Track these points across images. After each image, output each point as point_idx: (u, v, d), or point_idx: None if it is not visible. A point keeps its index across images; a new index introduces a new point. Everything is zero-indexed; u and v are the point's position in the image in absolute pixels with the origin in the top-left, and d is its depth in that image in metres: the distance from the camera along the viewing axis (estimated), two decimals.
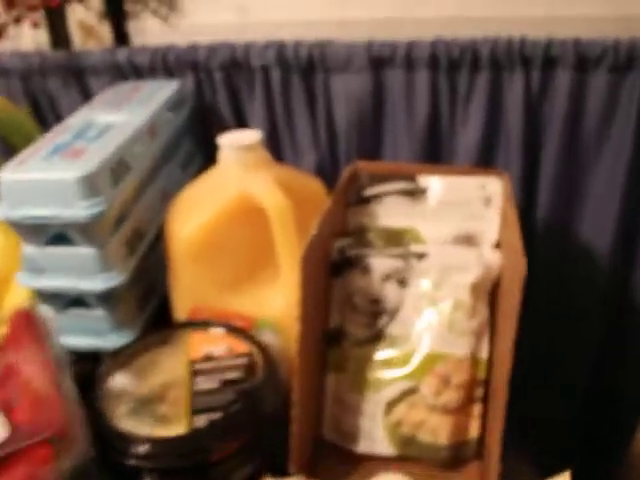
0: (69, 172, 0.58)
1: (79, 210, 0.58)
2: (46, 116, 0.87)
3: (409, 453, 0.60)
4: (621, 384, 0.80)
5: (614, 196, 0.71)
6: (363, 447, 0.60)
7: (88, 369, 0.62)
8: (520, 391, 0.52)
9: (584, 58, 0.67)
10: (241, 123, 0.82)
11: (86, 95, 0.85)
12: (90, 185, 0.58)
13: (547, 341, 0.78)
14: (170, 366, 0.59)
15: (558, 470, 0.48)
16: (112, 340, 0.64)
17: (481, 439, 0.60)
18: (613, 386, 0.81)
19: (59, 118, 0.84)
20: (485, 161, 0.73)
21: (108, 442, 0.52)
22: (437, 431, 0.59)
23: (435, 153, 0.75)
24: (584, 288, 0.76)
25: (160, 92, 0.76)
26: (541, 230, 0.75)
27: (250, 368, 0.57)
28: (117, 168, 0.62)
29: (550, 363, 0.80)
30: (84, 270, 0.61)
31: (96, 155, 0.60)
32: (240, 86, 0.81)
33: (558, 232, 0.75)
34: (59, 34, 0.91)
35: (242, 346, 0.60)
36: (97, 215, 0.58)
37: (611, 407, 0.82)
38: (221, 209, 0.62)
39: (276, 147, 0.81)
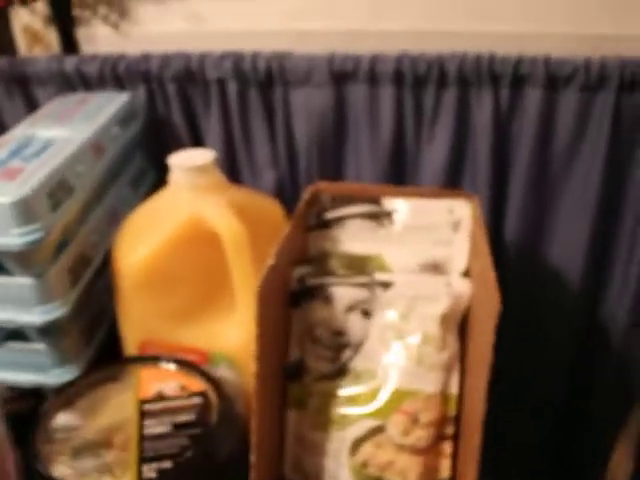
0: (3, 196, 0.52)
1: (14, 238, 0.53)
2: None
3: None
4: (590, 405, 0.78)
5: (584, 217, 0.69)
6: None
7: (29, 407, 0.58)
8: (489, 415, 0.49)
9: (554, 77, 0.65)
10: (196, 138, 0.77)
11: (31, 105, 0.79)
12: (25, 210, 0.53)
13: (516, 363, 0.76)
14: (118, 405, 0.55)
15: None
16: (55, 376, 0.59)
17: (452, 478, 0.57)
18: (583, 407, 0.79)
19: (3, 128, 0.78)
20: (452, 181, 0.70)
21: None
22: (406, 472, 0.55)
23: (400, 172, 0.72)
24: (553, 310, 0.74)
25: (109, 105, 0.71)
26: (510, 252, 0.72)
27: (204, 408, 0.53)
28: (57, 190, 0.57)
29: (520, 385, 0.78)
30: (22, 302, 0.56)
31: (33, 176, 0.55)
32: (195, 99, 0.76)
33: (527, 254, 0.73)
34: (3, 38, 0.85)
35: (195, 383, 0.55)
36: (34, 242, 0.53)
37: (581, 428, 0.80)
38: (172, 234, 0.57)
39: (233, 165, 0.77)
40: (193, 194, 0.58)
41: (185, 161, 0.58)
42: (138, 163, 0.76)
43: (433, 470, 0.56)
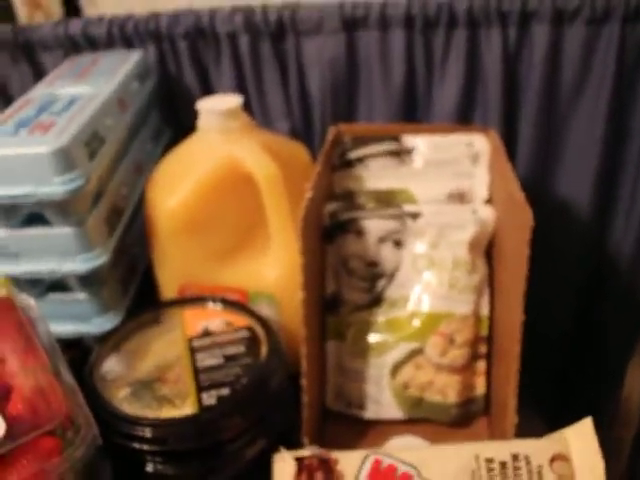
0: (42, 146, 0.53)
1: (56, 187, 0.54)
2: None
3: (418, 414, 0.59)
4: (602, 329, 0.82)
5: (592, 149, 0.72)
6: (371, 413, 0.59)
7: (74, 357, 0.59)
8: None
9: (561, 11, 0.67)
10: (209, 95, 0.78)
11: (38, 72, 0.79)
12: (66, 158, 0.54)
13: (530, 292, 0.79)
14: (165, 346, 0.57)
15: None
16: (97, 324, 0.60)
17: (486, 395, 0.59)
18: (595, 331, 0.82)
19: (10, 97, 0.79)
20: (463, 119, 0.72)
21: (111, 427, 0.49)
22: (445, 390, 0.58)
23: (412, 114, 0.74)
24: (563, 240, 0.77)
25: (123, 63, 0.72)
26: (521, 184, 0.75)
27: (252, 341, 0.55)
28: (91, 140, 0.58)
29: (534, 313, 0.80)
30: (64, 251, 0.57)
31: (68, 127, 0.56)
32: (206, 55, 0.77)
33: (537, 187, 0.75)
34: (1, 6, 0.85)
35: (240, 320, 0.57)
36: (75, 191, 0.54)
37: (594, 352, 0.83)
38: (206, 177, 0.59)
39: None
40: (225, 137, 0.59)
41: (215, 105, 0.60)
42: (156, 120, 0.77)
43: (469, 387, 0.59)
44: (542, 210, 0.76)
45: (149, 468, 0.50)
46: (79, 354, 0.60)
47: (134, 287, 0.66)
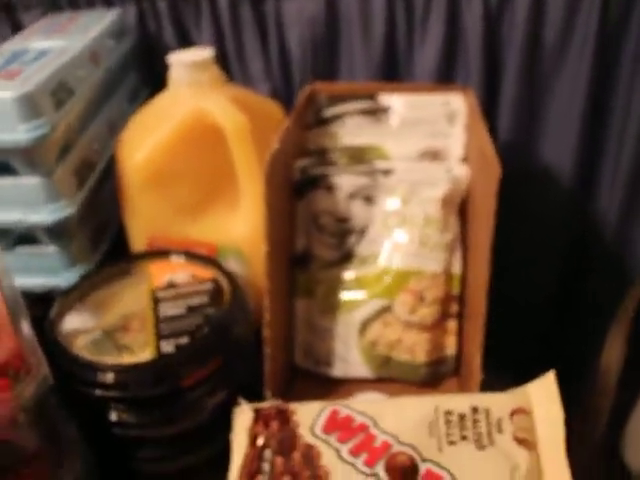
0: (5, 92, 0.53)
1: (20, 133, 0.53)
2: None
3: (386, 373, 0.58)
4: (585, 295, 0.81)
5: (574, 112, 0.71)
6: (338, 371, 0.59)
7: (42, 312, 0.58)
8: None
9: None
10: None
11: (18, 32, 0.79)
12: (31, 105, 0.53)
13: (512, 256, 0.78)
14: (131, 297, 0.56)
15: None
16: (67, 278, 0.60)
17: (457, 356, 0.59)
18: (578, 297, 0.82)
19: None
20: (445, 79, 0.71)
21: (71, 374, 0.49)
22: (414, 349, 0.57)
23: (393, 74, 0.73)
24: (546, 204, 0.76)
25: (100, 21, 0.71)
26: (502, 148, 0.73)
27: (216, 293, 0.55)
28: (59, 90, 0.57)
29: (517, 277, 0.80)
30: (31, 201, 0.57)
31: (35, 75, 0.55)
32: (186, 15, 0.76)
33: (519, 150, 0.74)
34: None
35: (206, 273, 0.57)
36: (40, 138, 0.54)
37: (576, 318, 0.83)
38: (174, 131, 0.58)
39: (227, 77, 0.77)
40: (194, 90, 0.59)
41: (185, 58, 0.59)
42: (133, 81, 0.77)
43: (439, 346, 0.58)
44: (524, 172, 0.76)
45: (111, 416, 0.50)
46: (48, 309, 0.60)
47: (106, 242, 0.65)
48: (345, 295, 0.59)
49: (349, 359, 0.58)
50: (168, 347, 0.50)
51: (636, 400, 0.71)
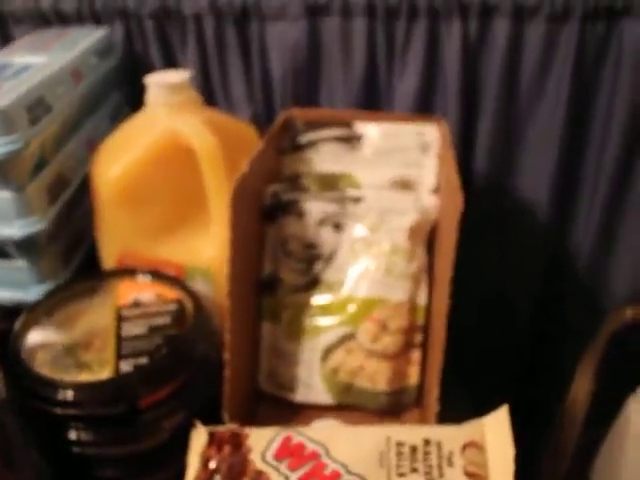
0: None
1: None
2: None
3: (347, 401, 0.58)
4: (556, 329, 0.81)
5: (551, 146, 0.72)
6: (300, 396, 0.59)
7: (8, 326, 0.59)
8: (460, 331, 0.52)
9: (521, 7, 0.67)
10: None
11: (8, 44, 0.80)
12: (4, 120, 0.54)
13: (485, 289, 0.78)
14: (96, 315, 0.56)
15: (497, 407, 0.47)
16: (35, 292, 0.60)
17: (420, 386, 0.59)
18: (549, 331, 0.82)
19: None
20: (423, 109, 0.72)
21: (29, 390, 0.49)
22: (375, 377, 0.57)
23: (372, 103, 0.74)
24: (521, 236, 0.77)
25: (86, 38, 0.72)
26: (478, 180, 0.74)
27: (179, 314, 0.55)
28: (35, 106, 0.58)
29: (491, 308, 0.80)
30: (2, 216, 0.57)
31: (11, 91, 0.56)
32: (172, 35, 0.77)
33: (495, 182, 0.75)
34: None
35: (171, 293, 0.57)
36: (12, 152, 0.54)
37: (546, 352, 0.83)
38: (147, 150, 0.59)
39: (210, 99, 0.78)
40: (168, 111, 0.59)
41: (161, 79, 0.60)
42: (116, 99, 0.77)
43: (402, 376, 0.58)
44: (500, 203, 0.76)
45: (69, 433, 0.50)
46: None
47: (78, 258, 0.66)
48: (310, 321, 0.59)
49: (312, 385, 0.59)
50: (126, 367, 0.50)
51: (604, 436, 0.71)
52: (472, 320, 0.79)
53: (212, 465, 0.46)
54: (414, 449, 0.45)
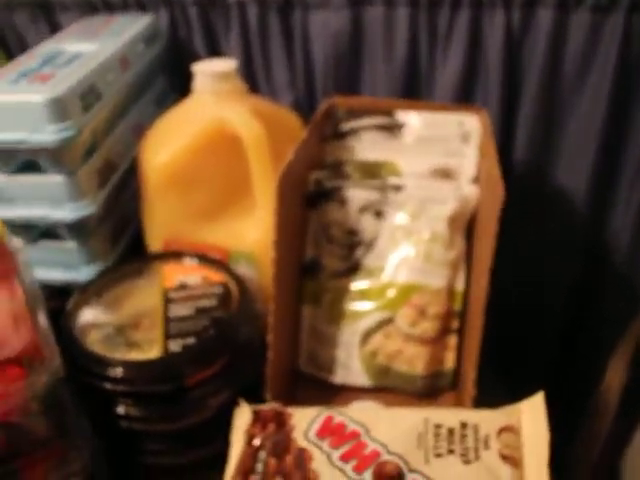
0: (37, 95, 0.56)
1: (49, 134, 0.56)
2: (14, 53, 0.84)
3: (385, 383, 0.60)
4: (593, 319, 0.81)
5: (591, 137, 0.71)
6: (339, 378, 0.60)
7: (60, 305, 0.61)
8: (497, 318, 0.53)
9: None
10: None
11: (55, 31, 0.82)
12: (59, 108, 0.56)
13: (524, 277, 0.79)
14: (143, 296, 0.58)
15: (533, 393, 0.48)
16: (84, 273, 0.63)
17: (457, 370, 0.60)
18: (586, 320, 0.82)
19: None
20: (464, 99, 0.73)
21: (82, 367, 0.51)
22: (413, 361, 0.59)
23: (413, 92, 0.74)
24: (559, 225, 0.77)
25: (133, 25, 0.74)
26: (518, 169, 0.75)
27: (225, 297, 0.57)
28: (87, 94, 0.60)
29: (528, 296, 0.81)
30: (54, 199, 0.60)
31: (65, 80, 0.58)
32: (216, 23, 0.79)
33: (535, 172, 0.75)
34: None
35: (217, 276, 0.59)
36: (67, 140, 0.56)
37: (582, 339, 0.83)
38: (195, 137, 0.60)
39: (253, 86, 0.79)
40: (216, 99, 0.61)
41: (209, 68, 0.61)
42: (161, 85, 0.79)
43: (438, 360, 0.59)
44: (539, 191, 0.77)
45: (118, 409, 0.52)
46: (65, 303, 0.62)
47: (125, 241, 0.68)
48: (350, 305, 0.60)
49: (350, 367, 0.60)
50: (175, 346, 0.52)
51: (637, 424, 0.72)
52: (509, 306, 0.80)
53: (256, 442, 0.47)
54: (451, 431, 0.46)
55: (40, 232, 0.63)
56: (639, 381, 0.71)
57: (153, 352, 0.52)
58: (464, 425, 0.47)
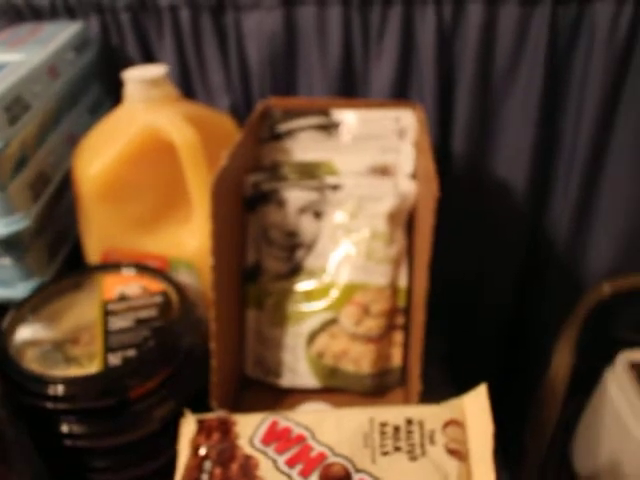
0: None
1: None
2: None
3: (333, 384, 0.60)
4: (535, 306, 0.83)
5: (526, 127, 0.73)
6: (287, 381, 0.60)
7: None
8: (442, 313, 0.53)
9: None
10: None
11: None
12: None
13: (466, 267, 0.80)
14: (83, 310, 0.57)
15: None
16: (21, 289, 0.61)
17: (404, 367, 0.60)
18: (529, 308, 0.84)
19: None
20: (400, 95, 0.73)
21: (20, 387, 0.50)
22: (359, 360, 0.59)
23: (349, 90, 0.75)
24: (500, 216, 0.78)
25: (61, 33, 0.72)
26: (456, 161, 0.76)
27: (165, 306, 0.56)
28: (13, 105, 0.58)
29: (471, 288, 0.82)
30: None
31: None
32: (148, 28, 0.77)
33: (473, 164, 0.76)
34: None
35: (156, 285, 0.58)
36: None
37: (527, 327, 0.85)
38: (128, 146, 0.59)
39: (188, 90, 0.78)
40: (147, 106, 0.60)
41: (139, 75, 0.60)
42: (95, 93, 0.78)
43: (385, 358, 0.60)
44: (478, 185, 0.78)
45: (60, 427, 0.51)
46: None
47: (63, 254, 0.66)
48: (294, 307, 0.60)
49: (297, 369, 0.60)
50: (115, 360, 0.51)
51: (583, 409, 0.73)
52: (452, 300, 0.81)
53: (202, 452, 0.47)
54: (397, 429, 0.47)
55: None
56: (584, 365, 0.72)
57: (93, 367, 0.51)
58: (409, 422, 0.47)
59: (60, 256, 0.66)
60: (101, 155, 0.60)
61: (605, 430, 0.67)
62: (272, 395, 0.60)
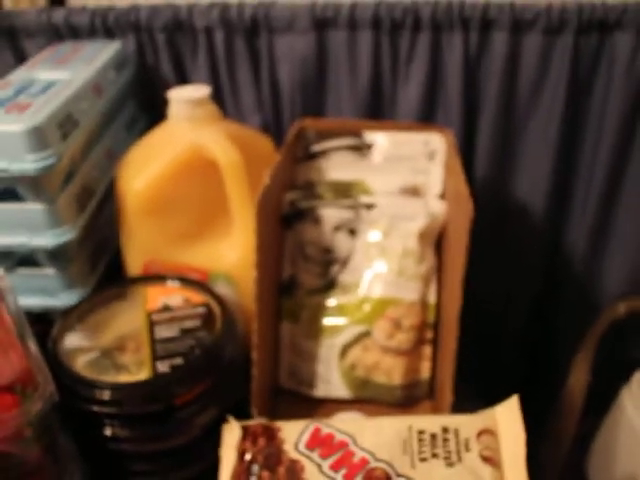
0: (16, 124, 0.56)
1: (29, 163, 0.57)
2: None
3: (364, 395, 0.62)
4: (554, 325, 0.86)
5: (547, 151, 0.75)
6: (320, 391, 0.63)
7: (40, 330, 0.61)
8: (465, 333, 0.56)
9: (519, 21, 0.71)
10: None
11: (20, 58, 0.82)
12: (39, 137, 0.57)
13: (487, 288, 0.82)
14: (127, 319, 0.60)
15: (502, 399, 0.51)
16: (64, 299, 0.63)
17: (432, 380, 0.63)
18: (547, 326, 0.86)
19: None
20: (426, 119, 0.76)
21: (71, 391, 0.52)
22: (390, 372, 0.61)
23: (377, 111, 0.77)
24: (520, 238, 0.81)
25: (102, 52, 0.75)
26: (479, 184, 0.78)
27: (208, 317, 0.58)
28: (65, 122, 0.61)
29: (490, 306, 0.84)
30: (34, 226, 0.60)
31: (43, 108, 0.59)
32: (183, 48, 0.80)
33: (495, 186, 0.79)
34: None
35: (198, 297, 0.60)
36: (47, 168, 0.57)
37: (545, 346, 0.87)
38: (172, 162, 0.62)
39: (220, 109, 0.81)
40: (192, 125, 0.63)
41: (184, 95, 0.63)
42: (131, 110, 0.80)
43: (415, 371, 0.62)
44: (499, 207, 0.81)
45: (106, 431, 0.53)
46: (46, 328, 0.63)
47: (103, 265, 0.69)
48: (328, 320, 0.63)
49: (330, 380, 0.62)
50: (163, 367, 0.53)
51: (600, 423, 0.76)
52: (472, 317, 0.83)
53: (248, 457, 0.49)
54: (434, 436, 0.49)
55: (18, 259, 0.63)
56: (601, 381, 0.75)
57: (142, 374, 0.53)
58: (445, 430, 0.49)
59: (100, 267, 0.68)
60: (145, 170, 0.63)
61: (621, 447, 0.69)
62: (306, 405, 0.63)
